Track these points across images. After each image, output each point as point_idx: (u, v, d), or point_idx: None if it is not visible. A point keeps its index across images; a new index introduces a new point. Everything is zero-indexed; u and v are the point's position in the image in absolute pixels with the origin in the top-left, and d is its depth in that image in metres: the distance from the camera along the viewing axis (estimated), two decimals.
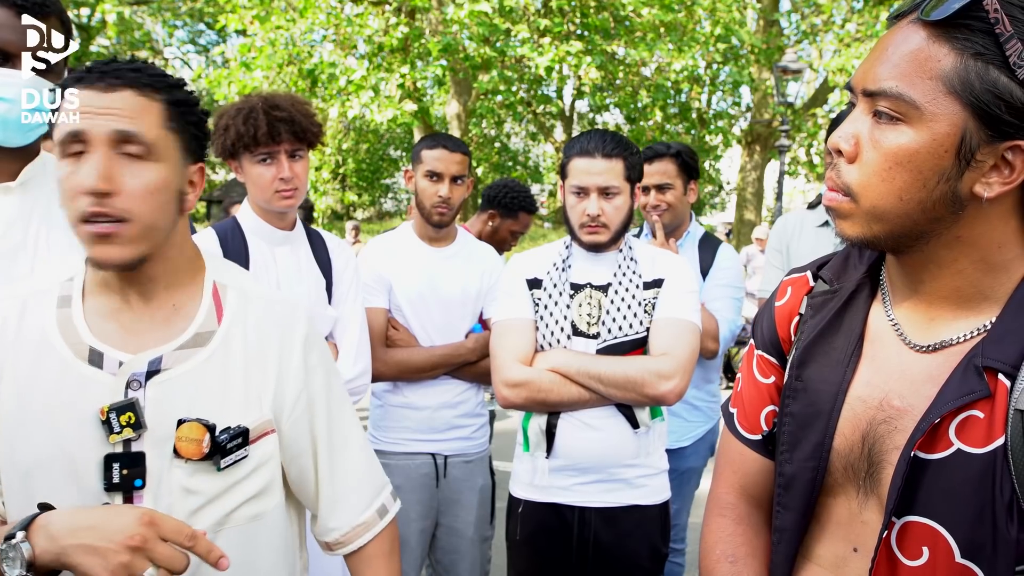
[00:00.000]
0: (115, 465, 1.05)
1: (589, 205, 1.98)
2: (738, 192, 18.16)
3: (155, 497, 1.08)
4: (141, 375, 1.08)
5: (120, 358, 1.08)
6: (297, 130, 1.96)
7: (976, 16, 0.80)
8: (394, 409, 2.41)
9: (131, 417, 1.06)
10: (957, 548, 0.86)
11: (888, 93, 0.85)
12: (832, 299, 1.05)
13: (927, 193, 0.86)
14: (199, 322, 1.15)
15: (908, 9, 0.87)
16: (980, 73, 0.81)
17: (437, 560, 2.47)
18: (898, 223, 0.89)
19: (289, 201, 1.99)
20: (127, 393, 1.07)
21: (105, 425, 1.05)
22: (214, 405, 1.13)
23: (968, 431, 0.86)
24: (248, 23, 12.55)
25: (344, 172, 23.56)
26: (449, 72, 12.46)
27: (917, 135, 0.85)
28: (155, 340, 1.12)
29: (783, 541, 1.04)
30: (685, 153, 2.70)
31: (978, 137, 0.83)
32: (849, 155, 0.90)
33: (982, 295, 0.91)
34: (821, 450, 0.99)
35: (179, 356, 1.12)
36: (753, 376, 1.15)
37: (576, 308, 2.02)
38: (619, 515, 2.01)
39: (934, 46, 0.83)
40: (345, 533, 1.31)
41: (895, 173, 0.87)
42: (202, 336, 1.15)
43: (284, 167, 1.96)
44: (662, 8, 12.29)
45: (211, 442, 1.10)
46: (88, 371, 1.07)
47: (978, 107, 0.81)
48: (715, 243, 2.76)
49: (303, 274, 2.06)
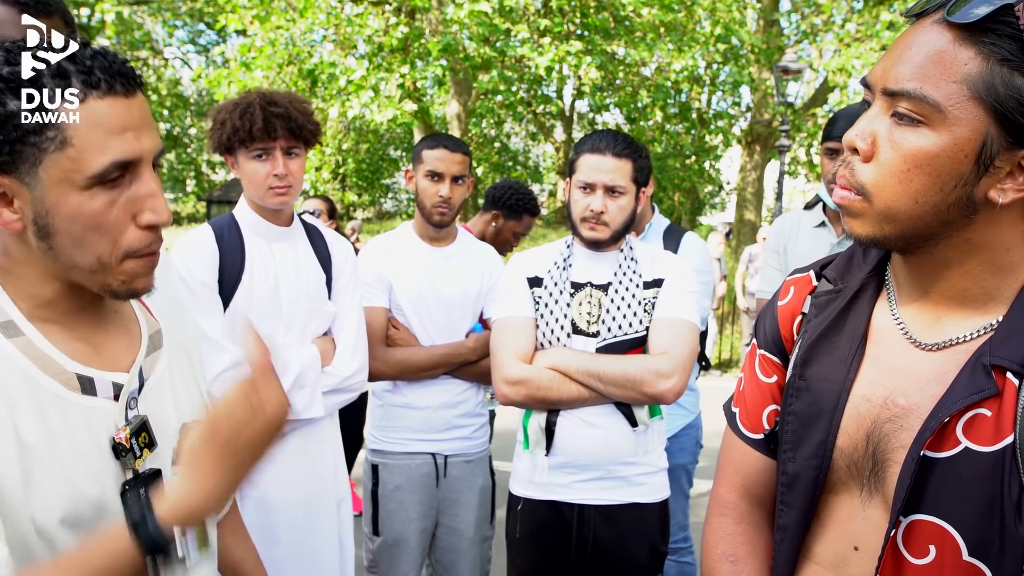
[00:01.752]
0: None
1: (594, 201, 1.98)
2: (738, 192, 18.17)
3: None
4: (135, 392, 1.02)
5: (111, 379, 0.99)
6: (293, 127, 1.95)
7: (1004, 21, 0.79)
8: (394, 409, 2.41)
9: (146, 437, 1.00)
10: (964, 546, 0.86)
11: (911, 94, 0.84)
12: (836, 298, 1.04)
13: (943, 197, 0.86)
14: (143, 323, 1.09)
15: (931, 7, 0.86)
16: (1005, 79, 0.80)
17: (437, 560, 2.46)
18: (910, 224, 0.88)
19: (283, 198, 1.99)
20: (128, 414, 1.00)
21: (128, 452, 0.97)
22: (188, 403, 1.11)
23: (976, 429, 0.86)
24: (248, 23, 12.56)
25: (344, 172, 23.57)
26: (449, 72, 12.46)
27: (938, 138, 0.84)
28: (123, 351, 1.03)
29: (785, 540, 1.04)
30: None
31: (999, 143, 0.82)
32: (865, 154, 0.89)
33: (988, 295, 0.91)
34: (824, 448, 0.98)
35: (150, 363, 1.06)
36: (755, 375, 1.15)
37: (576, 307, 2.02)
38: (618, 513, 2.02)
39: (959, 49, 0.82)
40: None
41: (913, 175, 0.86)
42: (155, 337, 1.09)
43: (279, 163, 1.95)
44: (662, 8, 12.29)
45: None
46: (87, 401, 0.96)
47: (1001, 113, 0.81)
48: (679, 232, 2.79)
49: (301, 270, 2.05)
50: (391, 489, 2.37)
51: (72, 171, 0.86)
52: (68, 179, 0.87)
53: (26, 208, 0.88)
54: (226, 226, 2.03)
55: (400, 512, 2.36)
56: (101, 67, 0.87)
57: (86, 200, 0.88)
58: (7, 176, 0.86)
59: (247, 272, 1.96)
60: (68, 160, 0.86)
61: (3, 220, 0.88)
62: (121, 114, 0.88)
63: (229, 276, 1.94)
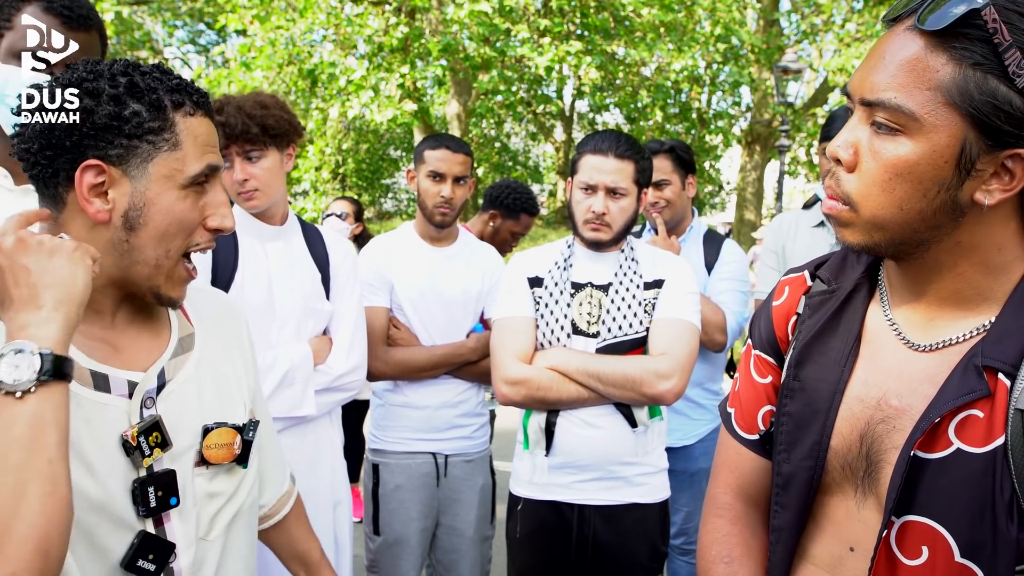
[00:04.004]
0: (150, 489, 1.02)
1: (595, 202, 1.99)
2: (738, 192, 18.16)
3: (183, 511, 1.07)
4: (153, 391, 1.06)
5: (126, 377, 1.04)
6: (236, 133, 1.91)
7: (974, 24, 0.79)
8: (395, 408, 2.41)
9: (158, 437, 1.03)
10: (957, 547, 0.86)
11: (886, 104, 0.84)
12: (830, 299, 1.05)
13: (927, 203, 0.86)
14: (176, 327, 1.14)
15: (904, 13, 0.85)
16: (979, 83, 0.80)
17: (438, 560, 2.47)
18: (898, 231, 0.89)
19: (251, 203, 1.98)
20: (143, 413, 1.04)
21: (136, 450, 1.01)
22: (217, 406, 1.14)
23: (968, 430, 0.86)
24: (248, 23, 12.54)
25: (344, 172, 23.55)
26: (449, 72, 12.46)
27: (916, 146, 0.84)
28: (146, 353, 1.08)
29: (781, 541, 1.04)
30: (679, 148, 2.71)
31: (978, 147, 0.82)
32: (848, 164, 0.90)
33: (981, 296, 0.91)
34: (819, 449, 0.99)
35: (175, 365, 1.10)
36: (750, 376, 1.16)
37: (576, 307, 2.02)
38: (618, 513, 2.02)
39: (932, 55, 0.82)
40: (272, 506, 1.35)
41: (895, 184, 0.86)
42: (186, 340, 1.14)
43: (236, 169, 1.95)
44: (662, 8, 12.28)
45: (242, 443, 1.13)
46: (99, 397, 1.01)
47: (977, 118, 0.80)
48: (719, 238, 2.77)
49: (296, 269, 2.04)
50: (392, 488, 2.37)
51: (177, 171, 1.01)
52: (172, 177, 1.00)
53: (122, 199, 0.99)
54: None
55: (401, 512, 2.37)
56: (200, 93, 1.04)
57: (180, 198, 1.02)
58: (115, 167, 0.98)
59: (239, 271, 1.96)
60: (176, 160, 1.00)
61: (94, 209, 0.98)
62: (209, 131, 1.05)
63: (222, 275, 1.94)
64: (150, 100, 0.98)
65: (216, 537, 1.12)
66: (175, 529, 1.06)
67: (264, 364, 1.91)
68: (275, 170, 2.01)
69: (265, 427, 1.30)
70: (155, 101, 0.98)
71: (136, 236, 1.00)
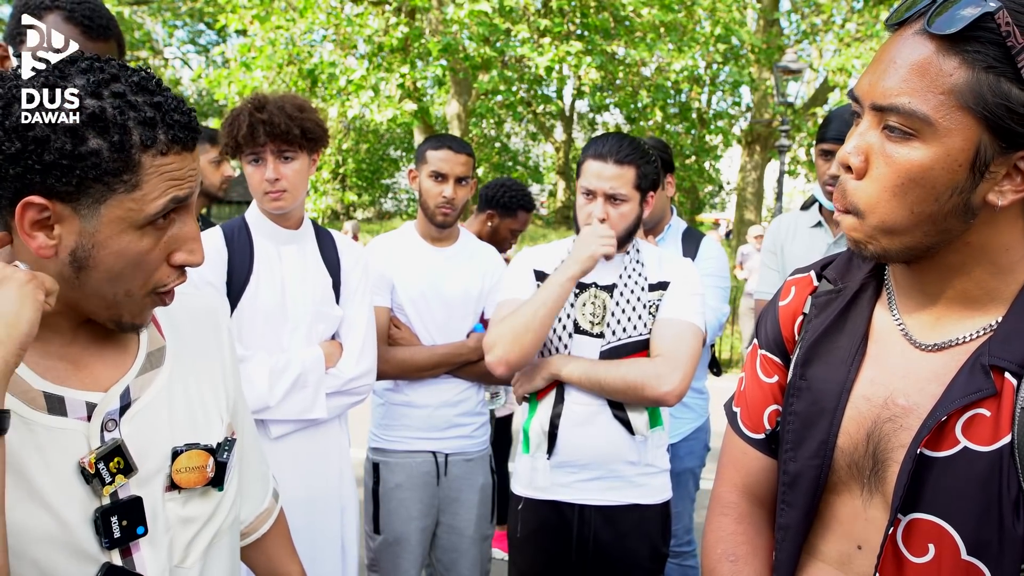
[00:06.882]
0: (113, 519, 0.93)
1: (595, 208, 1.98)
2: (738, 192, 18.18)
3: (154, 539, 0.98)
4: (115, 412, 0.95)
5: (84, 399, 0.93)
6: (277, 132, 1.93)
7: (985, 27, 0.79)
8: (395, 407, 2.41)
9: (120, 462, 0.94)
10: (963, 545, 0.86)
11: (900, 109, 0.84)
12: (836, 299, 1.05)
13: (939, 207, 0.86)
14: (146, 340, 1.04)
15: (911, 16, 0.85)
16: (992, 86, 0.80)
17: (438, 559, 2.47)
18: (908, 236, 0.89)
19: (278, 203, 1.99)
20: (103, 436, 0.94)
21: (95, 478, 0.91)
22: (189, 425, 1.05)
23: (974, 429, 0.86)
24: (248, 23, 12.56)
25: (344, 172, 23.55)
26: (449, 72, 12.47)
27: (931, 151, 0.84)
28: (110, 370, 0.98)
29: (787, 539, 1.04)
30: (657, 147, 2.71)
31: (992, 149, 0.82)
32: (859, 170, 0.89)
33: (988, 296, 0.91)
34: (825, 448, 0.99)
35: (142, 383, 1.00)
36: (756, 375, 1.16)
37: (580, 307, 2.02)
38: (619, 513, 2.01)
39: (944, 59, 0.81)
40: (251, 523, 1.26)
41: (908, 189, 0.86)
42: (155, 355, 1.04)
43: (269, 168, 1.96)
44: (662, 8, 12.30)
45: (215, 465, 1.04)
46: (54, 421, 0.91)
47: (991, 120, 0.80)
48: (698, 236, 2.79)
49: (309, 273, 2.06)
50: (392, 487, 2.38)
51: (134, 212, 0.88)
52: (127, 219, 0.88)
53: (69, 237, 0.87)
54: (236, 228, 2.04)
55: (401, 511, 2.37)
56: (181, 124, 0.89)
57: (136, 239, 0.89)
58: (63, 204, 0.85)
59: (255, 274, 1.98)
60: (132, 202, 0.87)
61: (36, 244, 0.87)
62: (183, 165, 0.91)
63: (237, 278, 1.95)
64: (113, 139, 0.84)
65: (193, 563, 1.03)
66: (144, 559, 0.97)
67: (277, 366, 1.93)
68: (303, 173, 2.04)
69: (248, 439, 1.22)
70: (119, 142, 0.84)
71: (86, 275, 0.89)
